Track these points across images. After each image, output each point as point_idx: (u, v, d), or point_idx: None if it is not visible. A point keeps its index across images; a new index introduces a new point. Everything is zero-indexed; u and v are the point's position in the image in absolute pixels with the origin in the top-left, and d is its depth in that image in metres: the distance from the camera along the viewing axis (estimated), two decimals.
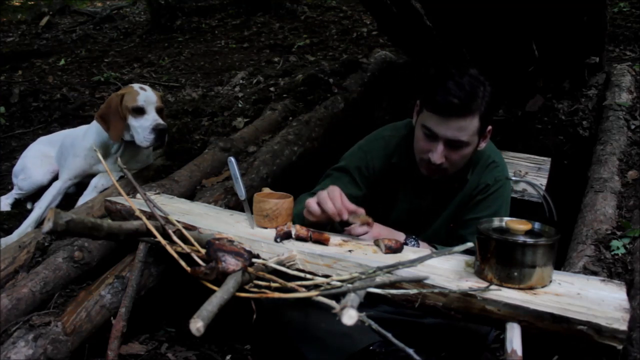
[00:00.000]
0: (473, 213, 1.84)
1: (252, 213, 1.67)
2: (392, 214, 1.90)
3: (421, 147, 1.73)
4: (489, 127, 1.77)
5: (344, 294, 1.09)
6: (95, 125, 2.67)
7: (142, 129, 2.50)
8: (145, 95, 2.54)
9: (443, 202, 1.88)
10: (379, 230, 1.68)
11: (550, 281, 1.32)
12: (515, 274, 1.28)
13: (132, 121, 2.52)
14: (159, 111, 2.56)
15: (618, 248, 1.69)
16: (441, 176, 1.78)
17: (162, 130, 2.51)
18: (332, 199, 1.55)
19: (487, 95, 1.66)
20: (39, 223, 2.46)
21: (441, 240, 1.88)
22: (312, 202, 1.58)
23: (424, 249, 1.63)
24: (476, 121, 1.65)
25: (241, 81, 4.29)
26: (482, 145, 1.79)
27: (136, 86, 2.60)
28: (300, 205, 1.75)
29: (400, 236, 1.69)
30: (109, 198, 1.84)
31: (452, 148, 1.68)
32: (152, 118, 2.51)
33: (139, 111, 2.51)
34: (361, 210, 1.59)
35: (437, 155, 1.68)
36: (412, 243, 1.67)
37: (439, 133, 1.66)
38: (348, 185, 1.88)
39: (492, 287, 1.24)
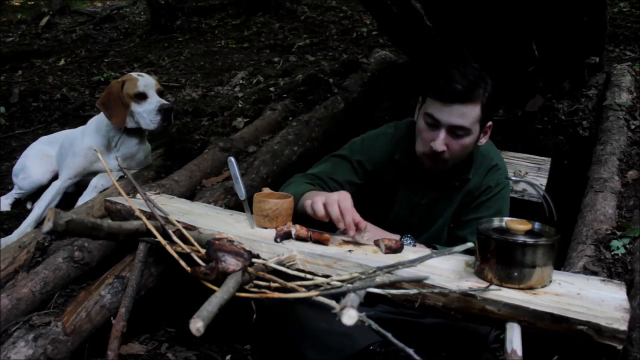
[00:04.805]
0: (473, 214, 1.85)
1: (252, 213, 1.67)
2: (392, 211, 1.91)
3: (424, 137, 1.75)
4: (490, 123, 1.80)
5: (344, 294, 1.09)
6: (93, 123, 2.69)
7: (147, 112, 2.55)
8: (145, 81, 2.59)
9: (443, 201, 1.89)
10: (375, 232, 1.69)
11: (550, 281, 1.32)
12: (515, 274, 1.27)
13: (136, 107, 2.56)
14: (160, 94, 2.61)
15: (618, 248, 1.69)
16: (442, 168, 1.79)
17: (167, 110, 2.56)
18: (342, 209, 1.51)
19: (489, 88, 1.71)
20: (39, 223, 2.47)
21: (443, 240, 1.88)
22: (318, 201, 1.55)
23: (424, 249, 1.63)
24: (478, 110, 1.69)
25: (241, 81, 4.29)
26: (483, 141, 1.82)
27: (134, 74, 2.65)
28: (295, 188, 1.77)
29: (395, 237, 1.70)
30: (109, 198, 1.84)
31: (454, 136, 1.70)
32: (155, 101, 2.56)
33: (141, 96, 2.56)
34: (364, 225, 1.55)
35: (439, 142, 1.69)
36: (408, 242, 1.68)
37: (441, 119, 1.69)
38: (348, 172, 1.90)
39: (492, 287, 1.24)
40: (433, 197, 1.90)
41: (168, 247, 1.46)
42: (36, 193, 2.79)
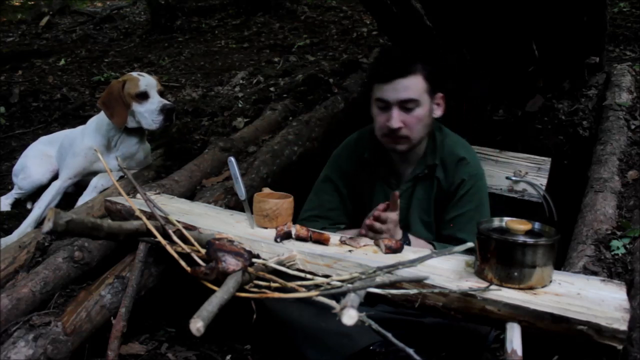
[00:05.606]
0: (455, 211, 1.89)
1: (252, 213, 1.67)
2: (371, 208, 1.93)
3: (379, 121, 1.85)
4: (440, 94, 1.89)
5: (344, 294, 1.09)
6: (93, 122, 2.69)
7: (149, 112, 2.55)
8: (146, 80, 2.59)
9: (418, 193, 1.93)
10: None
11: (550, 281, 1.32)
12: (515, 274, 1.28)
13: (137, 107, 2.55)
14: (161, 94, 2.61)
15: (618, 248, 1.69)
16: (406, 146, 1.85)
17: (169, 110, 2.56)
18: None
19: (427, 59, 1.82)
20: (39, 223, 2.47)
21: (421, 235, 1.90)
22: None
23: (424, 249, 1.64)
24: (421, 80, 1.79)
25: (241, 81, 4.29)
26: (438, 112, 1.90)
27: (134, 74, 2.65)
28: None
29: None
30: (109, 198, 1.84)
31: (406, 110, 1.79)
32: (157, 100, 2.56)
33: (143, 96, 2.55)
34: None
35: (394, 119, 1.79)
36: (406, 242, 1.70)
37: (389, 98, 1.79)
38: (333, 193, 2.02)
39: (492, 287, 1.24)
40: (406, 188, 1.94)
41: (168, 247, 1.47)
42: (36, 193, 2.79)
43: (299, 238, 1.54)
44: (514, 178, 2.54)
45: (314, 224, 1.87)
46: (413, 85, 1.78)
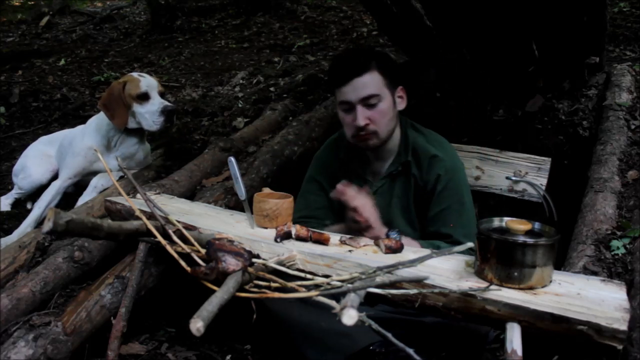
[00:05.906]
0: (438, 206, 1.89)
1: (252, 213, 1.67)
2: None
3: (347, 123, 1.88)
4: (400, 87, 1.92)
5: (344, 294, 1.09)
6: (93, 122, 2.69)
7: (150, 113, 2.54)
8: (147, 81, 2.58)
9: (395, 191, 1.94)
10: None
11: (550, 281, 1.32)
12: (516, 274, 1.28)
13: (138, 108, 2.55)
14: (161, 95, 2.61)
15: (618, 248, 1.69)
16: (376, 142, 1.88)
17: (170, 111, 2.56)
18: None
19: (380, 56, 1.88)
20: (39, 223, 2.47)
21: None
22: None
23: (424, 249, 1.63)
24: (377, 76, 1.83)
25: (241, 81, 4.29)
26: (402, 105, 1.94)
27: (135, 74, 2.64)
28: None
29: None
30: (109, 198, 1.84)
31: (369, 107, 1.83)
32: (158, 102, 2.56)
33: (144, 97, 2.55)
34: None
35: (360, 117, 1.82)
36: (394, 235, 1.69)
37: (350, 99, 1.82)
38: (319, 193, 2.03)
39: (492, 287, 1.24)
40: (382, 184, 1.96)
41: (168, 247, 1.47)
42: (36, 193, 2.79)
43: (299, 238, 1.54)
44: (514, 178, 2.54)
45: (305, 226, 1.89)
46: (371, 81, 1.81)
